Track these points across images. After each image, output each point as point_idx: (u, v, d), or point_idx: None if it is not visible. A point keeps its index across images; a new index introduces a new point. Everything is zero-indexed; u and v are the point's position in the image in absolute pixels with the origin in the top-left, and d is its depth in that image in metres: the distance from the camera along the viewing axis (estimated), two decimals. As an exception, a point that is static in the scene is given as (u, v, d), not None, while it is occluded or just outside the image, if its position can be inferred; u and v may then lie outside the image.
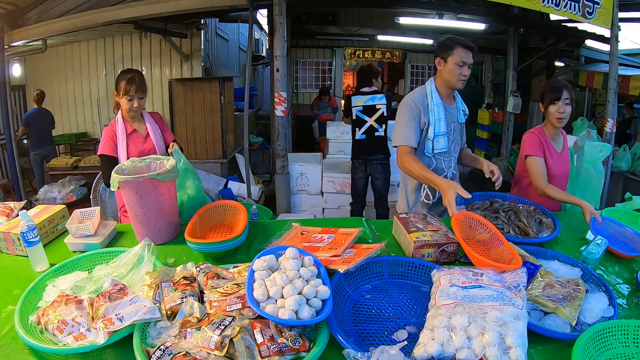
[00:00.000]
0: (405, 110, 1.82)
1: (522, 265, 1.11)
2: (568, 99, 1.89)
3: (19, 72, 6.09)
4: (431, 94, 1.83)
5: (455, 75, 1.77)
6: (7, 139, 4.42)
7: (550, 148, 1.97)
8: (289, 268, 1.00)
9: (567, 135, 2.11)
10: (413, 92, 1.88)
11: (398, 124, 1.84)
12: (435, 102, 1.82)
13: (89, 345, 0.87)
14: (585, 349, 0.86)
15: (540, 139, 1.96)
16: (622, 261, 1.37)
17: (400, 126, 1.81)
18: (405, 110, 1.82)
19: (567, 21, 5.34)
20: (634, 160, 4.60)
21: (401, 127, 1.81)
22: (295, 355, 0.83)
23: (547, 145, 1.96)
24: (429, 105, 1.82)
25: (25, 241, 1.21)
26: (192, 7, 3.93)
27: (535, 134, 1.98)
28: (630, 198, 1.97)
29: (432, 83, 1.87)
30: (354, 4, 6.85)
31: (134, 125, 2.04)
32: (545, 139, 1.97)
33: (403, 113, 1.82)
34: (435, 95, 1.83)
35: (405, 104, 1.84)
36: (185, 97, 5.15)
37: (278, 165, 3.93)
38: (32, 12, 4.18)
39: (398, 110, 1.87)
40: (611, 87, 4.20)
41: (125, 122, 2.02)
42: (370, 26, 7.96)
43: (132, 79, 1.91)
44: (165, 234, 1.46)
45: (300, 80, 9.27)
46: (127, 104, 1.94)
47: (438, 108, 1.82)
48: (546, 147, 1.96)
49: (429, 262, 1.22)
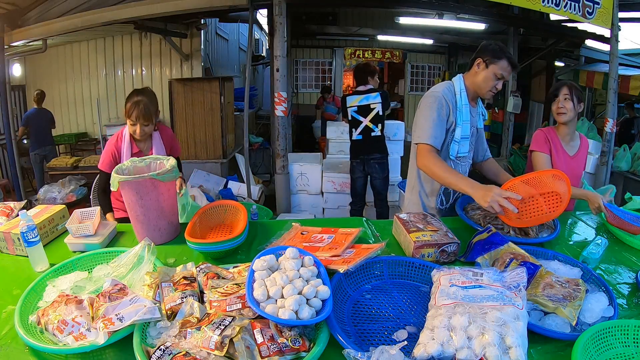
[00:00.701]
0: (433, 105, 1.65)
1: (523, 264, 1.12)
2: (567, 95, 1.92)
3: (19, 72, 6.10)
4: (460, 93, 1.70)
5: (490, 86, 1.66)
6: (7, 139, 4.42)
7: (558, 147, 1.99)
8: (289, 268, 1.00)
9: (587, 142, 2.09)
10: (441, 86, 1.72)
11: (423, 118, 1.65)
12: (463, 102, 1.69)
13: (89, 345, 0.87)
14: (585, 349, 0.86)
15: (547, 136, 1.99)
16: (622, 261, 1.37)
17: (426, 121, 1.64)
18: (434, 105, 1.65)
19: (567, 21, 5.34)
20: (634, 160, 4.60)
21: (427, 123, 1.63)
22: (295, 355, 0.83)
23: (555, 144, 1.98)
24: (457, 104, 1.69)
25: (25, 241, 1.21)
26: (192, 7, 3.93)
27: (543, 132, 2.01)
28: (630, 198, 1.97)
29: (461, 81, 1.73)
30: (354, 4, 6.85)
31: (140, 146, 1.93)
32: (554, 138, 1.99)
33: (430, 107, 1.65)
34: (464, 95, 1.70)
35: (434, 98, 1.66)
36: (185, 97, 5.16)
37: (278, 165, 3.94)
38: (32, 12, 4.18)
39: (423, 103, 1.69)
40: (611, 87, 4.21)
41: (132, 140, 1.90)
42: (370, 26, 7.98)
43: (137, 104, 1.76)
44: (165, 234, 1.46)
45: (300, 80, 9.28)
46: (130, 128, 1.83)
47: (465, 109, 1.70)
48: (553, 145, 1.98)
49: (429, 262, 1.22)
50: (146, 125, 1.83)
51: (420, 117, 1.68)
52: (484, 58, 1.66)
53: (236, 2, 4.01)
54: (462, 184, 1.47)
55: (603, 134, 4.37)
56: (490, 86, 1.67)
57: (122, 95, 6.29)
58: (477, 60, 1.68)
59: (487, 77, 1.66)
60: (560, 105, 1.93)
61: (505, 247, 1.24)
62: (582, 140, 2.07)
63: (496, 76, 1.64)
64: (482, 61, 1.66)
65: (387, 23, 7.86)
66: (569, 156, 2.01)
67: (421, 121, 1.66)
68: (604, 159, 4.37)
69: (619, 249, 1.46)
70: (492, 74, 1.64)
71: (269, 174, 6.12)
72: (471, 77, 1.72)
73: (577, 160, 2.04)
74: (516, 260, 1.16)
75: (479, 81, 1.68)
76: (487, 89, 1.68)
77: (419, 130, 1.67)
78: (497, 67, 1.63)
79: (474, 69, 1.70)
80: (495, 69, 1.64)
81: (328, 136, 4.92)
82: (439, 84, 1.77)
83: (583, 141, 2.07)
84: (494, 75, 1.64)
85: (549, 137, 1.98)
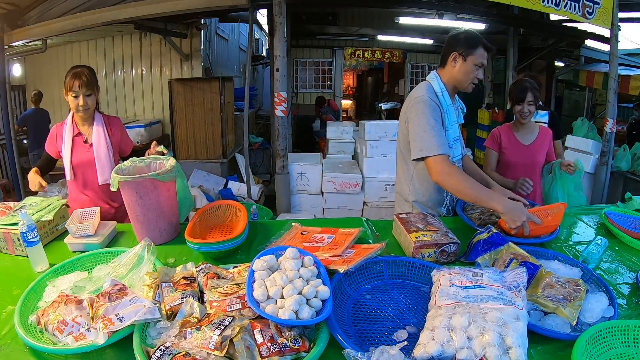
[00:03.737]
0: (426, 110, 1.53)
1: (523, 264, 1.12)
2: (532, 101, 2.14)
3: (19, 72, 6.10)
4: (442, 93, 1.61)
5: (471, 78, 1.58)
6: (7, 139, 4.42)
7: (512, 140, 2.25)
8: (289, 268, 1.00)
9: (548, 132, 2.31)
10: (421, 90, 1.61)
11: (420, 128, 1.51)
12: (447, 102, 1.61)
13: (88, 345, 0.87)
14: (586, 349, 0.86)
15: (500, 134, 2.28)
16: (622, 261, 1.37)
17: (426, 131, 1.50)
18: (427, 110, 1.53)
19: (567, 21, 5.35)
20: (634, 160, 4.60)
21: (428, 132, 1.50)
22: (295, 355, 0.83)
23: (509, 138, 2.26)
24: (443, 105, 1.60)
25: (25, 241, 1.21)
26: (192, 7, 3.93)
27: (497, 130, 2.31)
28: (630, 198, 1.97)
29: (438, 80, 1.63)
30: (354, 4, 6.84)
31: (81, 128, 1.90)
32: (508, 134, 2.27)
33: (425, 114, 1.52)
34: (446, 95, 1.61)
35: (424, 103, 1.55)
36: (185, 97, 5.15)
37: (278, 165, 3.94)
38: (32, 12, 4.18)
39: (413, 111, 1.56)
40: (611, 87, 4.21)
41: (74, 122, 1.89)
42: (370, 26, 7.97)
43: (78, 74, 1.75)
44: (165, 234, 1.46)
45: (300, 80, 9.27)
46: (72, 102, 1.78)
47: (451, 109, 1.61)
48: (506, 140, 2.26)
49: (429, 262, 1.22)
50: (89, 95, 1.80)
51: (415, 127, 1.54)
52: (460, 51, 1.57)
53: (236, 2, 4.01)
54: (494, 202, 1.37)
55: (603, 134, 4.37)
56: (472, 78, 1.59)
57: (122, 96, 6.30)
58: (452, 54, 1.59)
59: (467, 70, 1.58)
60: (525, 110, 2.15)
61: (505, 247, 1.24)
62: (542, 131, 2.29)
63: (476, 66, 1.58)
64: (458, 55, 1.58)
65: (387, 23, 7.86)
66: (523, 146, 2.25)
67: (418, 132, 1.52)
68: (604, 159, 4.37)
69: (619, 249, 1.46)
70: (472, 65, 1.57)
71: (269, 174, 6.13)
72: (448, 73, 1.62)
73: (533, 148, 2.26)
74: (516, 260, 1.16)
75: (459, 76, 1.60)
76: (469, 81, 1.60)
77: (419, 142, 1.52)
78: (475, 57, 1.56)
79: (450, 64, 1.61)
80: (474, 59, 1.56)
81: (328, 136, 4.93)
82: (417, 87, 1.67)
83: (542, 131, 2.29)
84: (474, 66, 1.57)
85: (501, 135, 2.27)
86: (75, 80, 1.75)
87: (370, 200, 4.07)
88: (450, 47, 1.61)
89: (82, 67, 1.82)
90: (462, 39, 1.58)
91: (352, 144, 4.91)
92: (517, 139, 2.26)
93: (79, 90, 1.77)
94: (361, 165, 4.21)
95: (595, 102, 7.16)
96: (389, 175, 4.03)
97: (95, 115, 1.94)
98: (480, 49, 1.56)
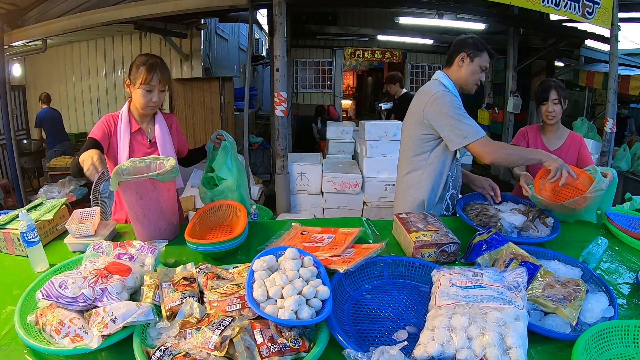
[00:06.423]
0: (454, 103, 1.61)
1: (523, 264, 1.12)
2: (556, 99, 2.02)
3: (19, 72, 6.10)
4: (453, 90, 1.69)
5: (476, 79, 1.70)
6: (7, 139, 4.42)
7: (538, 143, 2.13)
8: (289, 268, 1.00)
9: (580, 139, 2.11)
10: (436, 85, 1.69)
11: (455, 118, 1.58)
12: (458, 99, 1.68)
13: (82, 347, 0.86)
14: (586, 349, 0.86)
15: (527, 133, 2.16)
16: (622, 261, 1.37)
17: (459, 121, 1.58)
18: (454, 102, 1.61)
19: (567, 21, 5.35)
20: (634, 160, 4.60)
21: (465, 119, 1.59)
22: (295, 355, 0.83)
23: (535, 139, 2.14)
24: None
25: (25, 241, 1.21)
26: (192, 7, 3.93)
27: (525, 129, 2.19)
28: (630, 198, 1.97)
29: (447, 79, 1.72)
30: (354, 4, 6.85)
31: (141, 125, 1.67)
32: (535, 134, 2.15)
33: (453, 105, 1.60)
34: (455, 92, 1.70)
35: (448, 96, 1.62)
36: (185, 97, 5.17)
37: (278, 165, 3.93)
38: (32, 12, 4.18)
39: (439, 105, 1.61)
40: (611, 87, 4.21)
41: (132, 117, 1.64)
42: (370, 26, 7.96)
43: (154, 66, 1.51)
44: (165, 234, 1.46)
45: (300, 80, 9.26)
46: (144, 97, 1.54)
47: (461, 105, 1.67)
48: (533, 141, 2.13)
49: (429, 262, 1.22)
50: (163, 91, 1.58)
51: (447, 118, 1.59)
52: (468, 52, 1.69)
53: (236, 2, 4.01)
54: (540, 154, 1.56)
55: (603, 134, 4.37)
56: (476, 79, 1.72)
57: (121, 95, 6.29)
58: (461, 54, 1.70)
59: (474, 70, 1.70)
60: (550, 109, 2.02)
61: (505, 247, 1.24)
62: (570, 137, 2.10)
63: (481, 68, 1.70)
64: (466, 55, 1.69)
65: (387, 23, 7.85)
66: (548, 150, 2.07)
67: (453, 123, 1.59)
68: (604, 159, 4.37)
69: (619, 249, 1.46)
70: (478, 67, 1.69)
71: (269, 174, 6.12)
72: (456, 73, 1.73)
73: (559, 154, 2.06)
74: (516, 260, 1.16)
75: (466, 75, 1.71)
76: (474, 82, 1.72)
77: (458, 131, 1.58)
78: (481, 59, 1.69)
79: (457, 64, 1.72)
80: (480, 61, 1.69)
81: (328, 136, 4.92)
82: (430, 84, 1.74)
83: (570, 137, 2.10)
84: (479, 68, 1.70)
85: (528, 134, 2.15)
86: (152, 74, 1.51)
87: (370, 200, 4.07)
88: (458, 48, 1.72)
89: (155, 57, 1.56)
90: (470, 42, 1.71)
91: (352, 144, 4.91)
92: (544, 142, 2.13)
93: (156, 85, 1.53)
94: (361, 165, 4.21)
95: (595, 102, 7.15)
96: (389, 175, 4.02)
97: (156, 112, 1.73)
98: (486, 53, 1.70)
